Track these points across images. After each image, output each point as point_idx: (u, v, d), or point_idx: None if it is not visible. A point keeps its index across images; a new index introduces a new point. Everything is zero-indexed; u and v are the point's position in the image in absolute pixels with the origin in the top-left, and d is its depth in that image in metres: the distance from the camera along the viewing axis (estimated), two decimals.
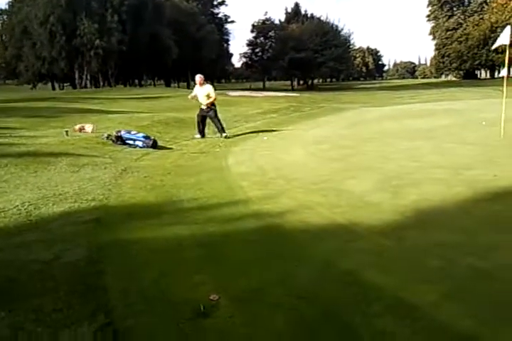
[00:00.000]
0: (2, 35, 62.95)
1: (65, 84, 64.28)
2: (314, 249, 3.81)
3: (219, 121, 12.57)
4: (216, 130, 12.74)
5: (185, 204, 5.48)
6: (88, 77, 54.72)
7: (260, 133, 13.12)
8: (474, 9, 70.37)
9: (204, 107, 12.36)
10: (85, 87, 53.01)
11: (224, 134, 12.45)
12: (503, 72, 10.75)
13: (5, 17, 63.36)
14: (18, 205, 5.28)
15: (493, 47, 10.06)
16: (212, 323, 2.70)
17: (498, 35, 9.54)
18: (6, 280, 3.34)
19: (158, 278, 3.36)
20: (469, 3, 71.92)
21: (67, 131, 10.88)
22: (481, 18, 66.97)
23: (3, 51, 62.67)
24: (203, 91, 12.47)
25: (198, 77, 12.63)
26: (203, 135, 12.56)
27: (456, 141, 9.09)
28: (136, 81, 66.46)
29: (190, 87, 65.69)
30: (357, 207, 4.91)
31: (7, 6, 62.30)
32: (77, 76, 54.46)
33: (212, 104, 12.46)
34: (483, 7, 68.88)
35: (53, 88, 61.66)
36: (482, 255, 3.45)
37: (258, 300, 2.96)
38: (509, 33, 8.91)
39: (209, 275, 3.38)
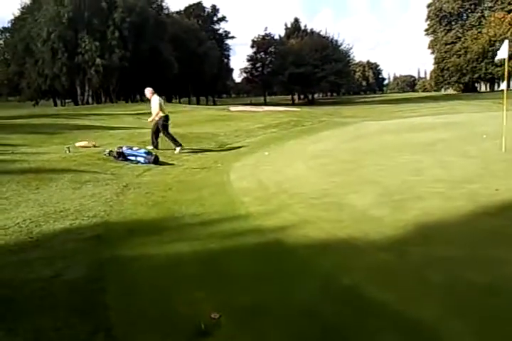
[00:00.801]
0: (4, 53, 63.70)
1: (67, 101, 64.75)
2: (315, 264, 3.79)
3: (157, 136, 12.28)
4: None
5: (187, 220, 5.47)
6: (90, 93, 55.10)
7: (262, 148, 13.14)
8: (472, 23, 71.01)
9: (157, 118, 12.16)
10: (87, 103, 53.34)
11: (150, 147, 11.95)
12: (503, 86, 10.81)
13: (7, 35, 64.19)
14: (19, 222, 5.28)
15: (496, 58, 10.08)
16: None
17: (498, 49, 9.62)
18: (5, 298, 3.33)
19: (158, 296, 3.34)
20: (467, 17, 72.60)
21: (69, 148, 10.92)
22: (479, 32, 67.60)
23: (5, 68, 63.34)
24: (151, 103, 12.35)
25: (147, 90, 12.57)
26: (180, 145, 12.29)
27: (457, 155, 9.09)
28: (138, 96, 66.88)
29: (191, 102, 66.26)
30: (358, 222, 4.89)
31: (9, 24, 63.27)
32: (78, 92, 54.87)
33: (166, 118, 12.29)
34: (481, 21, 69.53)
35: (55, 104, 62.15)
36: (483, 269, 3.43)
37: (259, 317, 2.94)
38: (507, 46, 8.99)
39: (210, 291, 3.36)
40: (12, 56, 60.01)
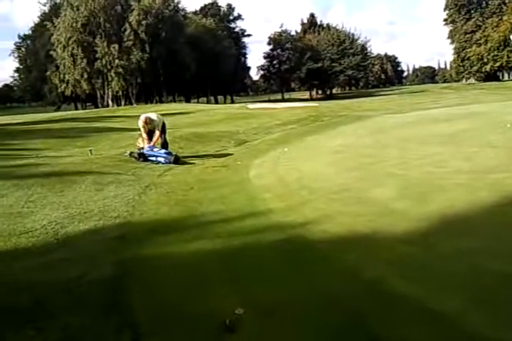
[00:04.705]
0: (27, 60, 64.94)
1: (88, 104, 65.72)
2: (338, 259, 3.77)
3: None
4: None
5: (208, 218, 5.50)
6: (110, 96, 55.76)
7: (281, 145, 13.10)
8: (492, 11, 69.33)
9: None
10: (107, 106, 54.01)
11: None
12: None
13: (28, 42, 65.40)
14: (45, 225, 5.38)
15: None
16: (239, 338, 2.70)
17: None
18: (34, 299, 3.39)
19: (182, 293, 3.37)
20: (487, 4, 70.86)
21: (91, 150, 11.08)
22: (500, 19, 66.08)
23: (28, 74, 64.60)
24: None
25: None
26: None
27: (480, 145, 8.91)
28: (157, 98, 67.47)
29: (209, 101, 66.49)
30: (380, 215, 4.84)
31: (30, 31, 64.45)
32: (98, 96, 55.62)
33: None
34: (502, 8, 67.91)
35: (76, 108, 63.08)
36: (508, 260, 3.37)
37: (283, 313, 2.94)
38: None
39: (233, 288, 3.38)
40: (34, 62, 61.19)
